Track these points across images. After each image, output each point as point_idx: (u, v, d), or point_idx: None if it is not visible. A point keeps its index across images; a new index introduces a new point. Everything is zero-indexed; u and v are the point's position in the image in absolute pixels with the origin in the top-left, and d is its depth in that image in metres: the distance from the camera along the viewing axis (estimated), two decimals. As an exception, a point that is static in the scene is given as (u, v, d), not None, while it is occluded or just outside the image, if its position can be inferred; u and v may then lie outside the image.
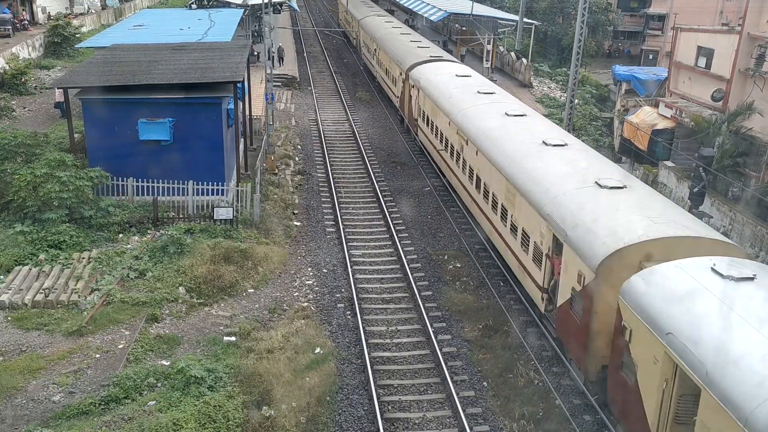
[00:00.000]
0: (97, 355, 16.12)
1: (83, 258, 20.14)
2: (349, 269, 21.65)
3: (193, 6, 58.61)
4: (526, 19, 56.81)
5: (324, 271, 21.87)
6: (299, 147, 34.52)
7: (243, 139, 29.35)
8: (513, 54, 55.02)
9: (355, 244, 23.83)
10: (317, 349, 17.12)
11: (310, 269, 21.93)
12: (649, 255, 13.62)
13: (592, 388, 14.77)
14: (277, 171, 29.66)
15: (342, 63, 58.86)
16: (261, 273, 20.80)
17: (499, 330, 18.53)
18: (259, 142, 31.79)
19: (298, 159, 32.62)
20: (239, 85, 25.08)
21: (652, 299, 12.19)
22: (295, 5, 63.29)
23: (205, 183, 23.18)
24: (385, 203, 27.20)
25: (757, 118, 29.35)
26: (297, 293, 20.37)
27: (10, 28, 45.58)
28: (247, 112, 30.78)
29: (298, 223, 25.43)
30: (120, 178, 22.97)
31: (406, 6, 66.90)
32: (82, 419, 13.81)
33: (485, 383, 16.48)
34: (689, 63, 35.95)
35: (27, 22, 49.70)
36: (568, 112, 33.31)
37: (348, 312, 19.47)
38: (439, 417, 15.30)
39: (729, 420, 9.71)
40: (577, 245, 14.92)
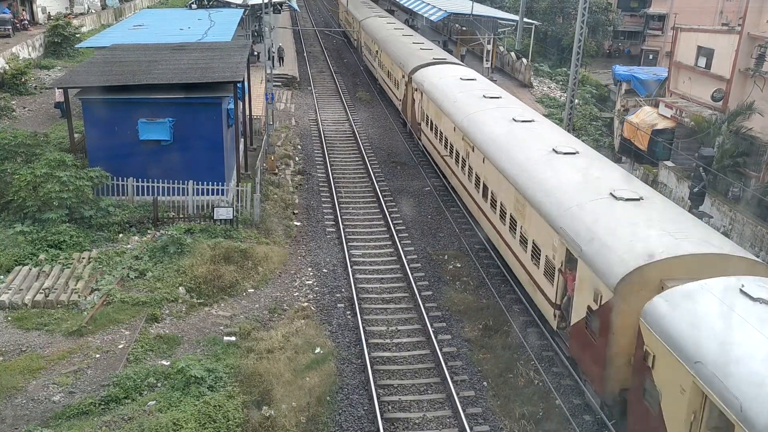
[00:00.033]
0: (97, 355, 16.12)
1: (83, 258, 20.14)
2: (349, 269, 21.64)
3: (193, 6, 58.66)
4: (526, 19, 56.82)
5: (324, 271, 21.87)
6: (299, 147, 34.52)
7: (243, 139, 29.36)
8: (513, 54, 55.03)
9: (355, 244, 23.83)
10: (317, 349, 17.12)
11: (310, 269, 21.94)
12: (670, 273, 12.97)
13: (609, 412, 14.11)
14: (277, 171, 29.67)
15: (342, 63, 58.86)
16: (261, 273, 20.80)
17: (499, 330, 18.53)
18: (259, 142, 31.79)
19: (298, 159, 32.62)
20: (239, 85, 25.09)
21: (678, 323, 11.50)
22: (295, 5, 63.30)
23: (205, 183, 23.18)
24: (385, 203, 27.20)
25: (757, 118, 29.36)
26: (297, 293, 20.37)
27: (10, 28, 45.59)
28: (247, 112, 30.78)
29: (298, 223, 25.43)
30: (120, 178, 22.98)
31: (406, 6, 66.89)
32: (82, 419, 13.81)
33: (485, 383, 16.48)
34: (689, 63, 35.96)
35: (27, 22, 49.71)
36: (568, 112, 33.31)
37: (348, 312, 19.46)
38: (439, 417, 15.29)
39: None
40: (592, 261, 14.25)
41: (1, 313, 17.59)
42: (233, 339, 17.27)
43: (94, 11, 62.00)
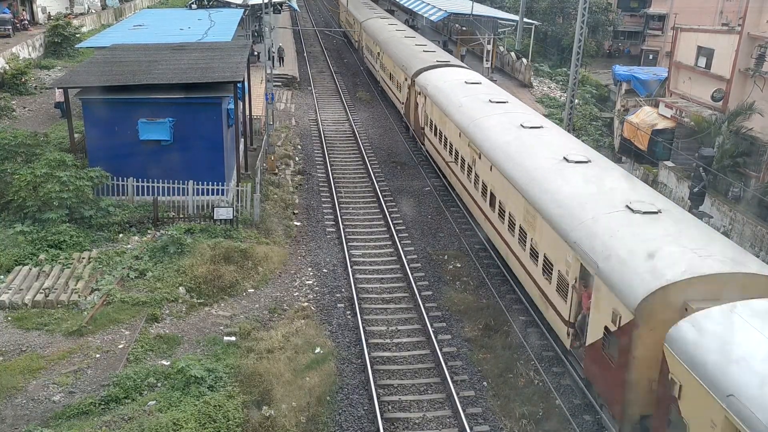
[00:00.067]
0: (97, 355, 16.13)
1: (83, 258, 20.14)
2: (349, 269, 21.65)
3: (193, 6, 58.62)
4: (526, 19, 56.82)
5: (324, 271, 21.87)
6: (299, 147, 34.52)
7: (243, 139, 29.36)
8: (513, 54, 55.04)
9: (355, 244, 23.83)
10: (317, 349, 17.12)
11: (310, 269, 21.94)
12: (695, 294, 12.24)
13: None
14: (277, 171, 29.67)
15: (342, 63, 58.86)
16: (261, 273, 20.80)
17: (500, 330, 18.53)
18: (259, 142, 31.79)
19: (298, 159, 32.62)
20: (239, 85, 25.09)
21: (707, 352, 10.73)
22: (295, 5, 63.29)
23: (205, 183, 23.19)
24: (385, 203, 27.20)
25: (757, 118, 29.37)
26: (297, 293, 20.38)
27: (10, 28, 45.61)
28: (247, 112, 30.77)
29: (298, 223, 25.43)
30: (120, 178, 22.98)
31: (406, 6, 66.88)
32: (82, 419, 13.81)
33: (485, 383, 16.48)
34: (689, 63, 35.96)
35: (27, 22, 49.73)
36: (568, 112, 33.33)
37: (348, 312, 19.47)
38: (439, 417, 15.30)
39: None
40: (610, 280, 13.48)
41: (1, 313, 17.60)
42: (233, 339, 17.28)
43: (94, 11, 62.02)
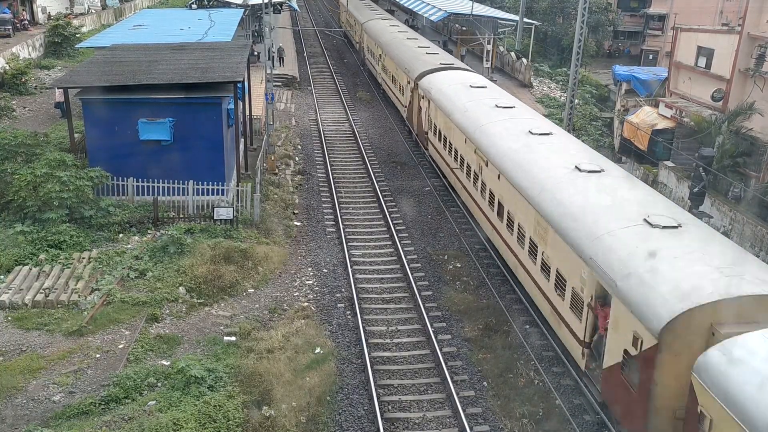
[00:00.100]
0: (97, 355, 16.13)
1: (83, 258, 20.15)
2: (349, 269, 21.65)
3: (193, 6, 58.64)
4: (526, 19, 56.83)
5: (324, 271, 21.87)
6: (299, 147, 34.53)
7: (243, 139, 29.36)
8: (513, 54, 55.04)
9: (355, 244, 23.83)
10: (317, 349, 17.12)
11: (310, 269, 21.94)
12: (723, 318, 11.48)
13: None
14: (277, 171, 29.68)
15: (342, 63, 58.87)
16: (261, 273, 20.80)
17: (500, 330, 18.53)
18: (259, 142, 31.80)
19: (298, 159, 32.63)
20: (239, 85, 25.09)
21: (742, 384, 10.02)
22: (295, 5, 63.30)
23: (205, 183, 23.18)
24: (385, 203, 27.20)
25: (758, 118, 29.37)
26: (297, 293, 20.38)
27: (10, 28, 45.62)
28: (247, 112, 30.78)
29: (298, 223, 25.43)
30: (120, 178, 22.98)
31: (406, 6, 66.87)
32: (82, 419, 13.81)
33: (485, 383, 16.48)
34: (689, 63, 35.96)
35: (27, 22, 49.74)
36: (568, 112, 33.35)
37: (348, 312, 19.47)
38: (439, 417, 15.30)
39: None
40: (630, 300, 12.69)
41: (1, 313, 17.60)
42: (233, 339, 17.28)
43: (94, 11, 62.03)
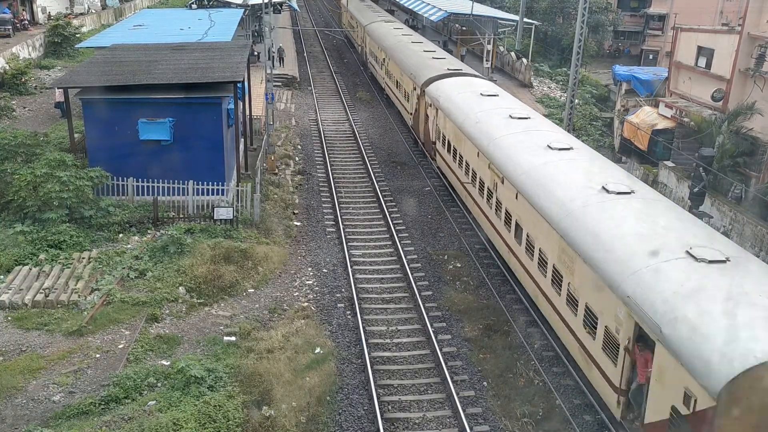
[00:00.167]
0: (97, 355, 16.12)
1: (83, 258, 20.14)
2: (349, 269, 21.64)
3: (193, 6, 58.68)
4: (526, 19, 56.80)
5: (324, 271, 21.87)
6: (299, 147, 34.52)
7: (243, 139, 29.36)
8: (513, 54, 55.05)
9: (355, 243, 23.82)
10: (317, 349, 17.12)
11: (310, 269, 21.94)
12: None
13: None
14: (277, 171, 29.68)
15: (342, 63, 58.87)
16: (261, 273, 20.80)
17: (500, 330, 18.52)
18: (259, 142, 31.80)
19: (298, 159, 32.62)
20: (239, 85, 25.09)
21: None
22: (295, 5, 63.26)
23: (205, 183, 23.18)
24: (385, 203, 27.20)
25: (758, 118, 29.36)
26: (297, 293, 20.37)
27: (10, 28, 45.62)
28: (247, 112, 30.77)
29: (298, 223, 25.43)
30: (120, 178, 22.98)
31: (407, 6, 66.84)
32: (82, 419, 13.81)
33: (485, 383, 16.48)
34: (689, 63, 35.95)
35: (27, 22, 49.74)
36: (568, 112, 33.37)
37: (348, 312, 19.46)
38: (439, 417, 15.29)
39: None
40: (679, 351, 11.19)
41: (1, 313, 17.60)
42: (233, 339, 17.28)
43: (94, 11, 62.02)
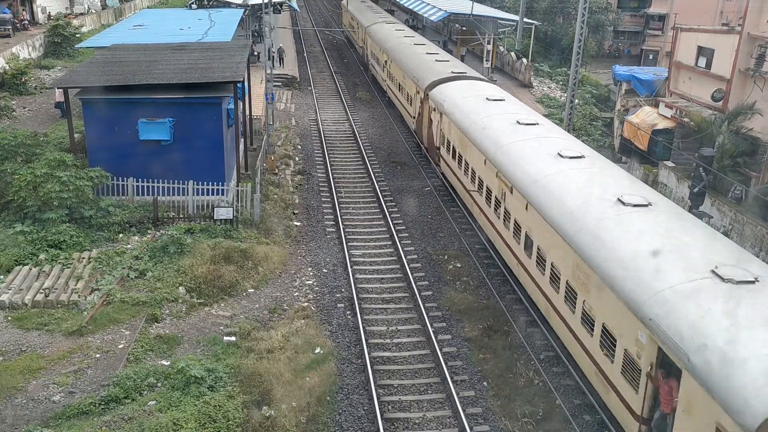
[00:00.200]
0: (97, 355, 16.12)
1: (83, 258, 20.14)
2: (349, 269, 21.64)
3: (193, 6, 58.69)
4: (526, 19, 56.81)
5: (324, 271, 21.87)
6: (299, 147, 34.53)
7: (243, 139, 29.35)
8: (513, 54, 55.05)
9: (355, 244, 23.82)
10: (317, 349, 17.12)
11: (310, 269, 21.94)
12: None
13: None
14: (277, 171, 29.67)
15: (342, 63, 58.88)
16: (261, 273, 20.80)
17: (500, 330, 18.52)
18: (259, 142, 31.80)
19: (298, 159, 32.63)
20: (239, 85, 25.08)
21: None
22: (295, 5, 63.27)
23: (205, 183, 23.18)
24: (385, 203, 27.20)
25: (758, 118, 29.35)
26: (297, 293, 20.37)
27: (10, 28, 45.61)
28: (247, 112, 30.77)
29: (298, 223, 25.43)
30: (120, 178, 22.98)
31: (407, 6, 66.84)
32: (82, 419, 13.80)
33: (485, 383, 16.48)
34: (689, 63, 35.94)
35: (27, 22, 49.73)
36: (568, 112, 33.37)
37: (348, 312, 19.46)
38: (439, 417, 15.29)
39: None
40: (710, 383, 10.34)
41: (1, 313, 17.59)
42: (233, 339, 17.27)
43: (94, 11, 62.02)
